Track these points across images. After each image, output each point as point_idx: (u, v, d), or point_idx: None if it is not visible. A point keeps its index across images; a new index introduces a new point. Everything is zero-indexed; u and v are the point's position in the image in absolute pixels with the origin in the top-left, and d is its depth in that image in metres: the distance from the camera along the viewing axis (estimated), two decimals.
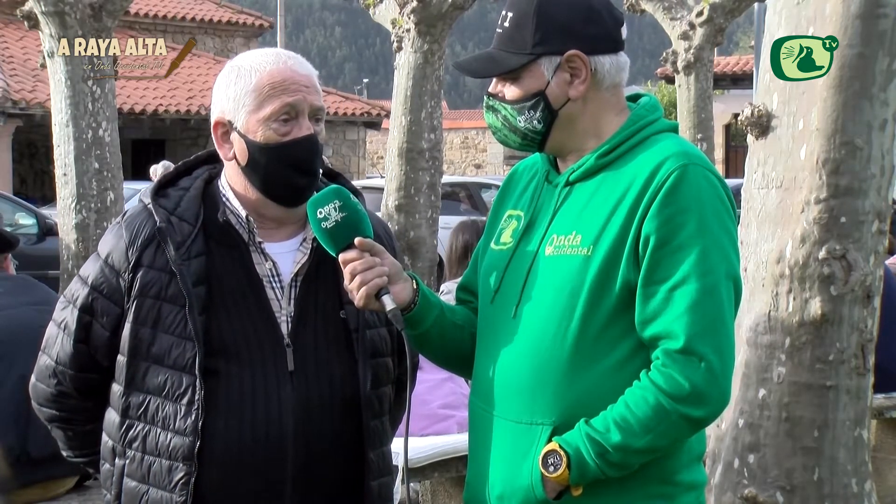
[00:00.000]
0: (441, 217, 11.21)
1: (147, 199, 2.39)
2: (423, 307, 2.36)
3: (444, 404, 4.52)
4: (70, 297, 2.43)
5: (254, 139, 2.33)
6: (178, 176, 2.46)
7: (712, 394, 2.15)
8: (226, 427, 2.29)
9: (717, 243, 2.18)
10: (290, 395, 2.32)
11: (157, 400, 2.31)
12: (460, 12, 10.80)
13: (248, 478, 2.30)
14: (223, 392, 2.29)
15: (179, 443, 2.28)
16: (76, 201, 9.70)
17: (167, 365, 2.30)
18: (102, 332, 2.38)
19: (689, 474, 2.28)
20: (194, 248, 2.32)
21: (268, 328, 2.34)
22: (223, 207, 2.38)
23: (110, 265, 2.36)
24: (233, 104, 2.35)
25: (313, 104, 2.35)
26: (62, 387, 2.44)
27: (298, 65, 2.37)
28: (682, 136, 2.35)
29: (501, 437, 2.27)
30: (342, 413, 2.37)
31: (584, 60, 2.28)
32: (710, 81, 14.33)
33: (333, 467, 2.37)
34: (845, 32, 3.34)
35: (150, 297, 2.31)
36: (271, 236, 2.39)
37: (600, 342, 2.20)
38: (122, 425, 2.35)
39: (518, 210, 2.38)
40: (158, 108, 21.24)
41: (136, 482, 2.33)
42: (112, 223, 2.45)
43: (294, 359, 2.34)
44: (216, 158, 2.46)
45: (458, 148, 34.06)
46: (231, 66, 2.39)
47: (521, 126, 2.31)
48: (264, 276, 2.36)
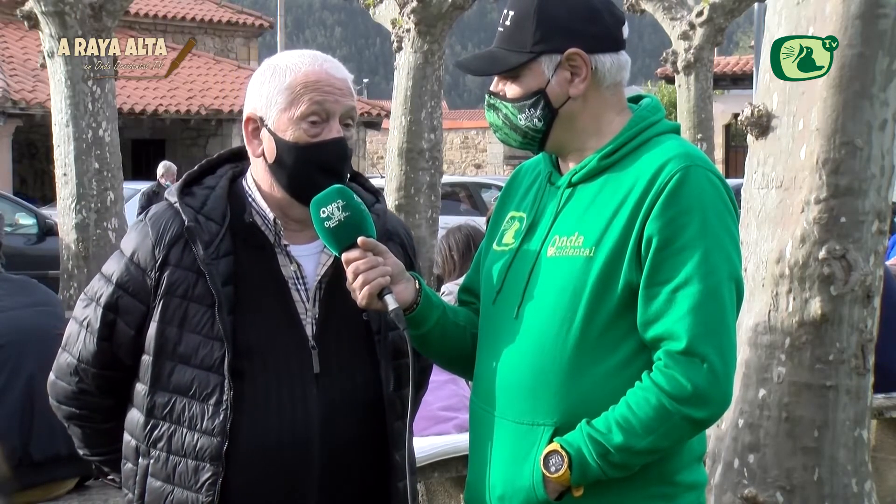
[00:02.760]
0: (441, 217, 11.22)
1: (173, 198, 2.38)
2: (425, 307, 2.36)
3: (444, 406, 4.52)
4: (93, 295, 2.41)
5: (283, 137, 2.33)
6: (202, 174, 2.46)
7: (714, 395, 2.15)
8: (252, 428, 2.28)
9: (720, 245, 2.17)
10: (315, 397, 2.32)
11: (184, 400, 2.30)
12: (460, 12, 10.81)
13: (274, 479, 2.30)
14: (249, 393, 2.29)
15: (207, 443, 2.27)
16: (76, 201, 9.71)
17: (194, 365, 2.29)
18: (127, 330, 2.36)
19: (689, 474, 2.28)
20: (222, 247, 2.32)
21: (293, 330, 2.34)
22: (249, 208, 2.38)
23: (136, 263, 2.35)
24: (265, 101, 2.35)
25: (346, 107, 2.36)
26: (84, 384, 2.43)
27: (334, 68, 2.37)
28: (683, 137, 2.36)
29: (503, 438, 2.27)
30: (366, 415, 2.37)
31: (584, 59, 2.27)
32: (710, 81, 14.34)
33: (358, 469, 2.37)
34: (845, 32, 3.34)
35: (176, 296, 2.31)
36: (296, 238, 2.39)
37: (602, 343, 2.20)
38: (147, 425, 2.34)
39: (520, 211, 2.38)
40: (158, 108, 21.24)
41: (161, 482, 2.32)
42: (135, 221, 2.44)
43: (319, 361, 2.34)
44: (240, 157, 2.47)
45: (458, 148, 34.06)
46: (267, 64, 2.40)
47: (521, 124, 2.31)
48: (289, 278, 2.36)
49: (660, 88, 33.60)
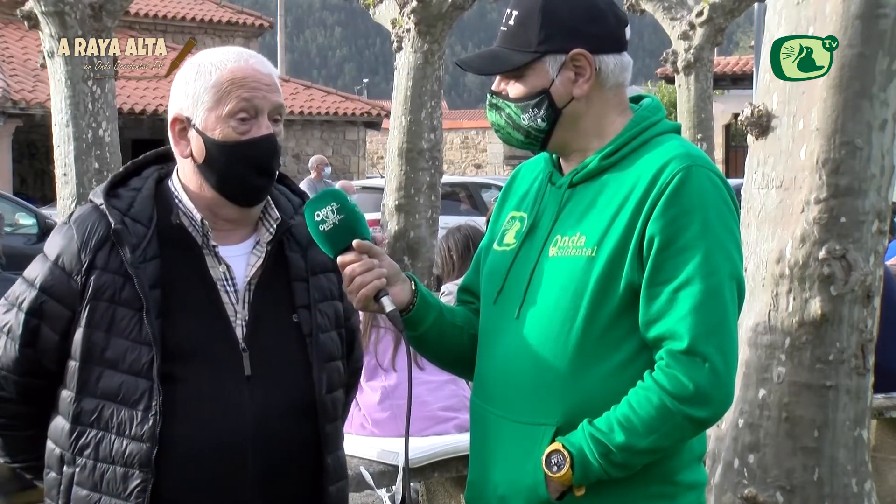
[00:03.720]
0: (441, 217, 11.20)
1: (99, 200, 2.33)
2: (422, 308, 2.35)
3: (445, 406, 4.52)
4: (14, 300, 2.34)
5: (212, 136, 2.29)
6: (126, 176, 2.41)
7: (716, 395, 2.15)
8: (183, 433, 2.23)
9: (721, 244, 2.18)
10: (247, 400, 2.27)
11: (112, 405, 2.24)
12: (460, 12, 10.81)
13: (206, 484, 2.25)
14: (180, 397, 2.24)
15: (136, 449, 2.22)
16: (76, 201, 9.70)
17: (122, 370, 2.24)
18: (52, 335, 2.30)
19: (689, 474, 2.28)
20: (150, 250, 2.27)
21: (223, 332, 2.30)
22: (176, 209, 2.33)
23: (61, 267, 2.29)
24: (192, 101, 2.31)
25: (274, 103, 2.32)
26: (4, 392, 2.35)
27: (260, 63, 2.33)
28: (684, 137, 2.36)
29: (504, 438, 2.27)
30: (299, 418, 2.33)
31: (588, 59, 2.27)
32: (710, 81, 14.34)
33: (292, 473, 2.33)
34: (845, 32, 3.34)
35: (103, 300, 2.25)
36: (225, 239, 2.35)
37: (604, 343, 2.20)
38: (73, 432, 2.27)
39: (521, 211, 2.38)
40: (158, 108, 21.23)
41: (88, 490, 2.26)
42: (59, 224, 2.38)
43: (250, 363, 2.29)
44: (165, 159, 2.43)
45: (458, 148, 34.05)
46: (191, 63, 2.35)
47: (524, 124, 2.30)
48: (218, 279, 2.32)
49: (660, 88, 33.59)
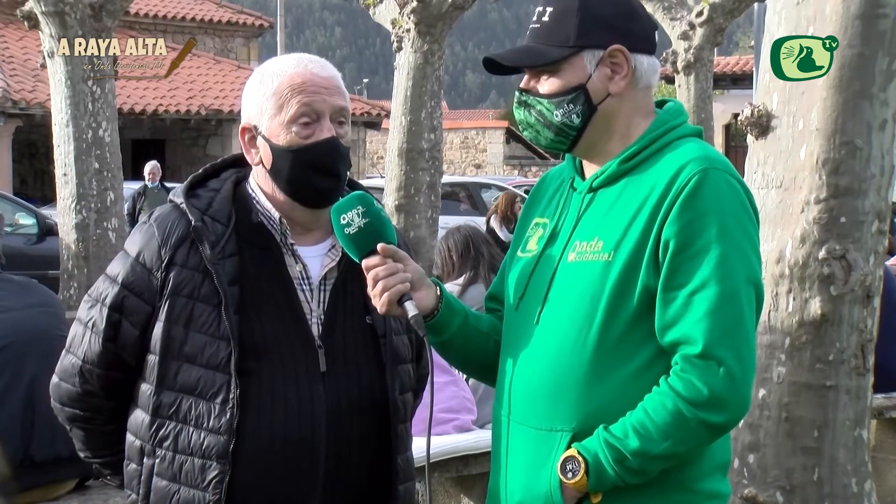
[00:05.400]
0: (441, 217, 11.22)
1: (179, 199, 2.40)
2: (446, 314, 2.35)
3: (445, 408, 4.52)
4: (97, 296, 2.42)
5: (277, 143, 2.35)
6: (205, 178, 2.48)
7: (732, 399, 2.12)
8: (259, 426, 2.29)
9: (738, 248, 2.15)
10: (321, 395, 2.33)
11: (190, 399, 2.31)
12: (460, 12, 10.82)
13: (280, 476, 2.31)
14: (256, 391, 2.30)
15: (213, 441, 2.28)
16: (76, 201, 9.71)
17: (200, 364, 2.30)
18: (132, 330, 2.37)
19: (710, 483, 2.24)
20: (228, 247, 2.34)
21: (299, 329, 2.35)
22: (255, 209, 2.40)
23: (142, 263, 2.37)
24: (256, 109, 2.37)
25: (335, 105, 2.36)
26: (88, 386, 2.43)
27: (319, 67, 2.38)
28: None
29: (521, 444, 2.26)
30: (371, 417, 2.38)
31: (626, 56, 2.26)
32: (710, 81, 14.35)
33: (362, 470, 2.38)
34: (845, 32, 3.34)
35: (182, 295, 2.32)
36: (301, 240, 2.40)
37: (621, 348, 2.18)
38: (153, 424, 2.35)
39: (544, 218, 2.37)
40: (158, 108, 21.24)
41: (167, 481, 2.33)
42: (139, 224, 2.46)
43: (325, 360, 2.35)
44: (243, 162, 2.48)
45: (458, 148, 34.03)
46: (256, 72, 2.42)
47: (557, 121, 2.27)
48: (295, 277, 2.38)
49: (660, 88, 33.61)
